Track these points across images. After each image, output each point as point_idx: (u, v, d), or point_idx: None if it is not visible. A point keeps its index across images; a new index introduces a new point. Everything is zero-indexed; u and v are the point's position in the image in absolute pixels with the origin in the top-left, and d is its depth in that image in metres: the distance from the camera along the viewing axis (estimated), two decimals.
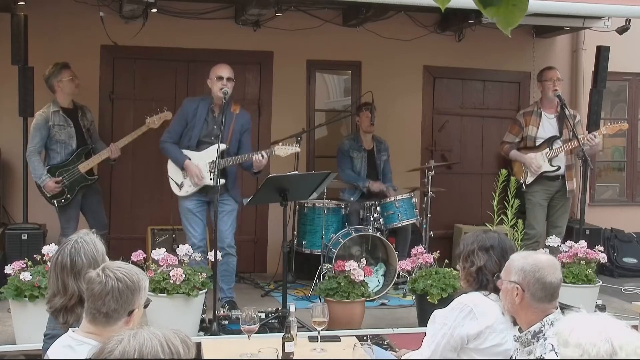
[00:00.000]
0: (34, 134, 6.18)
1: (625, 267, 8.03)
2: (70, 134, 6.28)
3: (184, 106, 6.07)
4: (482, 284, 3.28)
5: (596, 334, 2.03)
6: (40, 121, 6.19)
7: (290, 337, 3.69)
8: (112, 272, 2.50)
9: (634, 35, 7.43)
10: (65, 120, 6.26)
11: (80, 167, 6.29)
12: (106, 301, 2.47)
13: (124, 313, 2.50)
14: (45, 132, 6.19)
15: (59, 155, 6.26)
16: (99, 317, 2.49)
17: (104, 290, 2.47)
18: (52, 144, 6.24)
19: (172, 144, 5.99)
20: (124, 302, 2.48)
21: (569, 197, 6.95)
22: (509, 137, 7.03)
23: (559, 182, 6.83)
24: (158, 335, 1.82)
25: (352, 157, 7.24)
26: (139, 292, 2.52)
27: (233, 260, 6.00)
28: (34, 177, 6.21)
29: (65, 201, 6.25)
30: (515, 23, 1.83)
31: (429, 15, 7.79)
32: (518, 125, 6.97)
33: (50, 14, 7.03)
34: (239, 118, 6.02)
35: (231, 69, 5.95)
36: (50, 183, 6.15)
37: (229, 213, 5.98)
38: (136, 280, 2.52)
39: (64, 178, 6.21)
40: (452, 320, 3.25)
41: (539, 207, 6.82)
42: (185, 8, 7.23)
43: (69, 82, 6.28)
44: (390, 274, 6.66)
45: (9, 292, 4.94)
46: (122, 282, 2.48)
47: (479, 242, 3.33)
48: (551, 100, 6.84)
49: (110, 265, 2.57)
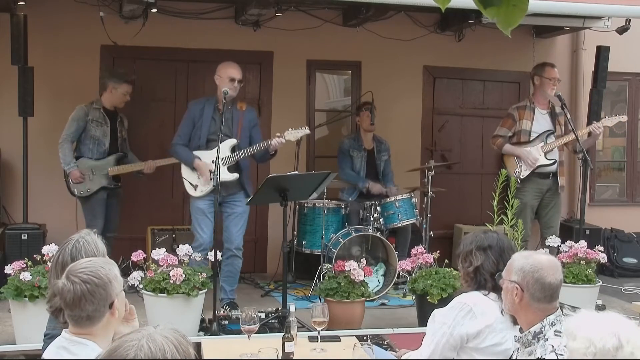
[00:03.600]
0: (71, 124, 6.35)
1: (625, 267, 8.03)
2: (106, 132, 6.42)
3: (190, 109, 6.12)
4: (481, 283, 3.29)
5: (604, 328, 2.09)
6: (80, 113, 6.36)
7: (290, 337, 3.69)
8: (76, 277, 2.46)
9: (634, 35, 7.43)
10: (103, 119, 6.41)
11: (110, 171, 6.40)
12: (82, 306, 2.45)
13: (105, 309, 2.49)
14: (82, 124, 6.36)
15: (90, 151, 6.39)
16: (82, 321, 2.49)
17: (76, 297, 2.45)
18: (86, 138, 6.38)
19: (181, 145, 6.02)
20: (99, 300, 2.47)
21: (560, 194, 6.94)
22: (502, 130, 6.95)
23: (550, 180, 6.81)
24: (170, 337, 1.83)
25: (352, 157, 7.24)
26: (110, 284, 2.50)
27: (239, 262, 6.00)
28: (62, 164, 6.33)
29: (84, 193, 6.33)
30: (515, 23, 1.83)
31: (429, 15, 7.79)
32: (511, 119, 6.90)
33: (50, 13, 7.02)
34: (246, 114, 6.07)
35: (241, 70, 5.99)
36: (76, 171, 6.27)
37: (240, 215, 5.99)
38: (103, 274, 2.49)
39: (92, 173, 6.32)
40: (451, 319, 3.25)
41: (528, 208, 6.75)
42: (185, 8, 7.23)
43: (121, 95, 6.47)
44: (390, 274, 6.66)
45: (9, 292, 4.94)
46: (89, 283, 2.45)
47: (477, 242, 3.34)
48: (545, 97, 6.84)
49: (73, 269, 2.52)
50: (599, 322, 2.13)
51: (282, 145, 5.93)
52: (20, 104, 6.42)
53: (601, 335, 2.07)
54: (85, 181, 6.32)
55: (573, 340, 2.12)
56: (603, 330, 2.08)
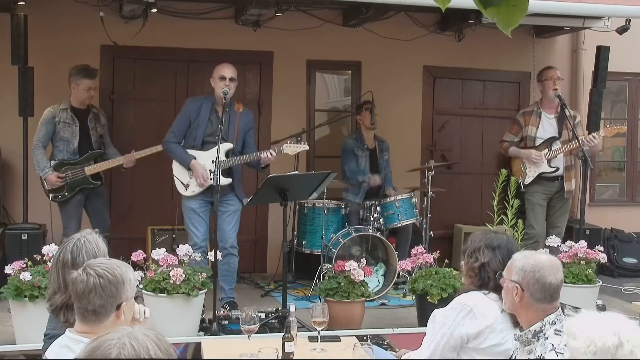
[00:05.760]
0: (40, 128, 6.27)
1: (625, 267, 8.03)
2: (74, 132, 6.32)
3: (186, 106, 6.07)
4: (484, 281, 3.28)
5: (604, 327, 2.11)
6: (47, 116, 6.29)
7: (290, 337, 3.69)
8: (92, 270, 2.50)
9: (634, 35, 7.42)
10: (71, 119, 6.31)
11: (87, 170, 6.30)
12: (91, 299, 2.47)
13: (112, 308, 2.50)
14: (50, 128, 6.27)
15: (61, 153, 6.31)
16: (88, 315, 2.50)
17: (87, 288, 2.47)
18: (57, 140, 6.31)
19: (176, 144, 5.97)
20: (108, 297, 2.48)
21: (568, 198, 6.94)
22: (509, 136, 7.01)
23: (558, 182, 6.82)
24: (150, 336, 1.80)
25: (357, 155, 7.22)
26: (123, 285, 2.52)
27: (235, 260, 5.99)
28: (37, 170, 6.25)
29: (62, 198, 6.26)
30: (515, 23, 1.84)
31: (429, 15, 7.79)
32: (517, 125, 6.96)
33: (50, 13, 7.02)
34: (243, 117, 6.04)
35: (234, 69, 5.95)
36: (52, 176, 6.19)
37: (232, 213, 5.98)
38: (118, 273, 2.51)
39: (67, 176, 6.24)
40: (452, 319, 3.25)
41: (538, 207, 6.80)
42: (185, 8, 7.23)
43: (84, 90, 6.33)
44: (390, 274, 6.66)
45: (9, 292, 4.94)
46: (103, 277, 2.48)
47: (486, 240, 3.34)
48: (551, 100, 6.83)
49: (92, 263, 2.56)
50: (600, 321, 2.15)
51: (272, 160, 5.88)
52: (20, 104, 6.42)
53: (601, 333, 2.08)
54: (62, 185, 6.21)
55: (574, 339, 2.13)
56: (603, 329, 2.10)
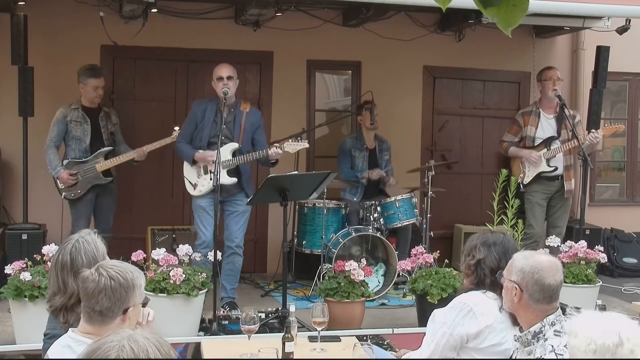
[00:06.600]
0: (52, 128, 6.33)
1: (625, 267, 8.03)
2: (86, 131, 6.36)
3: (192, 109, 6.15)
4: (480, 278, 3.30)
5: (605, 326, 2.12)
6: (59, 116, 6.34)
7: (290, 337, 3.69)
8: (105, 271, 2.50)
9: (634, 35, 7.42)
10: (83, 118, 6.36)
11: (98, 167, 6.34)
12: (99, 299, 2.47)
13: (119, 311, 2.49)
14: (62, 127, 6.33)
15: (74, 152, 6.35)
16: (94, 315, 2.50)
17: (97, 289, 2.47)
18: (69, 139, 6.36)
19: (182, 143, 6.06)
20: (117, 300, 2.48)
21: (568, 198, 6.94)
22: (508, 137, 7.02)
23: (558, 182, 6.82)
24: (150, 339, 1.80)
25: (353, 156, 7.23)
26: (133, 290, 2.52)
27: (239, 260, 6.01)
28: (49, 170, 6.29)
29: (75, 196, 6.29)
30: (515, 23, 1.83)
31: (429, 15, 7.79)
32: (517, 125, 6.96)
33: (50, 13, 7.03)
34: (249, 116, 6.06)
35: (231, 67, 5.97)
36: (64, 174, 6.23)
37: (241, 213, 6.01)
38: (130, 278, 2.52)
39: (79, 173, 6.28)
40: (451, 319, 3.25)
41: (537, 207, 6.81)
42: (185, 8, 7.23)
43: (92, 90, 6.39)
44: (390, 274, 6.66)
45: (9, 292, 4.94)
46: (115, 280, 2.48)
47: (482, 239, 3.38)
48: (551, 100, 6.83)
49: (104, 264, 2.57)
50: (601, 320, 2.16)
51: (280, 156, 5.93)
52: (20, 104, 6.42)
53: (602, 332, 2.10)
54: (76, 183, 6.25)
55: (574, 337, 2.15)
56: (604, 328, 2.11)
